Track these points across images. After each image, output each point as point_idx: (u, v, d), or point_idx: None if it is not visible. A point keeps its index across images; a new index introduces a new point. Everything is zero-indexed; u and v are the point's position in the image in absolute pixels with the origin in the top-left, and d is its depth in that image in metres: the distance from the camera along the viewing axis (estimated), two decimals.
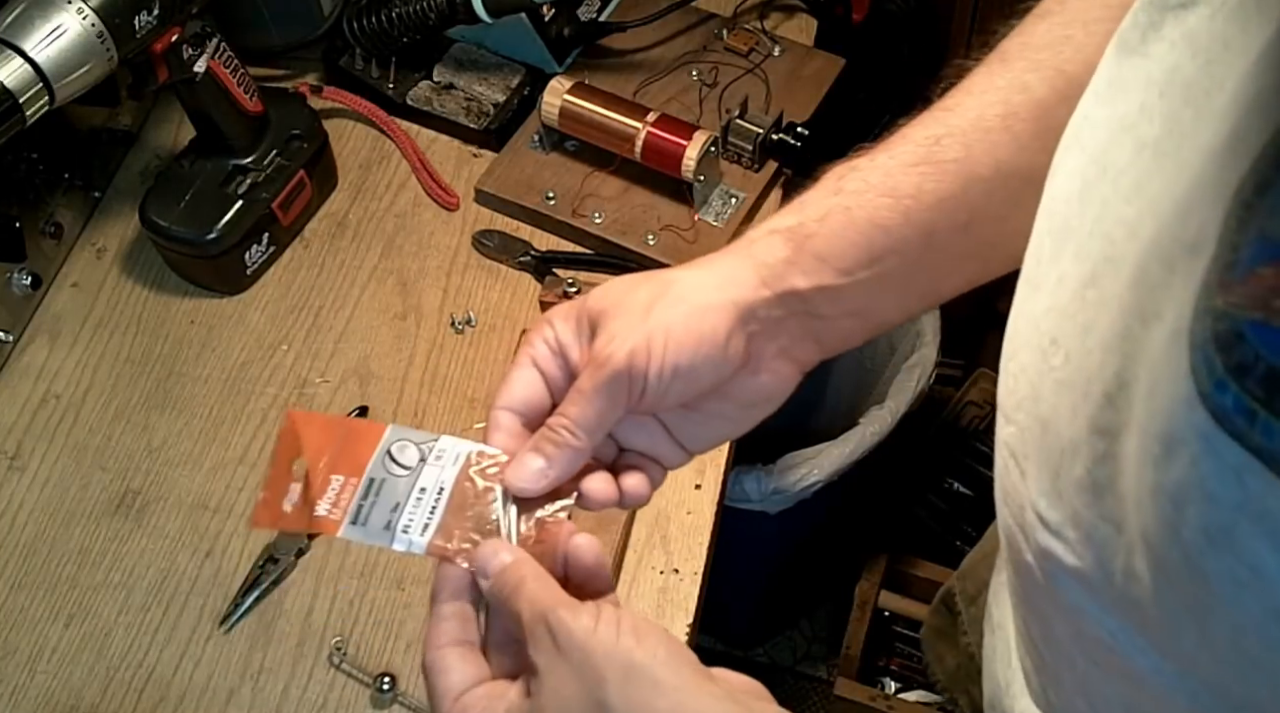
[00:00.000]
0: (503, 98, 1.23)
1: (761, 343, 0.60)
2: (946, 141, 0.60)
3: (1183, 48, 0.43)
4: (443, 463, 0.60)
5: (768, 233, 0.60)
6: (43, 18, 0.89)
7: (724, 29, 1.26)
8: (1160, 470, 0.38)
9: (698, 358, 0.58)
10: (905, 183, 0.59)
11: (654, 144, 1.11)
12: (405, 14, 1.18)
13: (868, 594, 1.66)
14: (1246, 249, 0.35)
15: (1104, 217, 0.46)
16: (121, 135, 1.20)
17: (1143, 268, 0.41)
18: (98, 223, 1.17)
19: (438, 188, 1.19)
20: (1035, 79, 0.60)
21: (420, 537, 0.59)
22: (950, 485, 1.73)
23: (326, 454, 0.61)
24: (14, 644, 0.95)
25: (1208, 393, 0.35)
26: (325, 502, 0.60)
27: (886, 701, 1.61)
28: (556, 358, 0.61)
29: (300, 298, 1.13)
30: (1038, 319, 0.50)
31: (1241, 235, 0.35)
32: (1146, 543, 0.40)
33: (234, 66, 1.07)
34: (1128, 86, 0.47)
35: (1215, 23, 0.42)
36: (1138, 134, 0.45)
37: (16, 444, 1.04)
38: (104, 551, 0.99)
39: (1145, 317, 0.41)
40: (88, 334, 1.10)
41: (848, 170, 0.61)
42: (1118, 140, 0.46)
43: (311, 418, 0.64)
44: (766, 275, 0.59)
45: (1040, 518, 0.49)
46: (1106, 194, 0.46)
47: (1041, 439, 0.49)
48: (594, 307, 0.60)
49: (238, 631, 0.95)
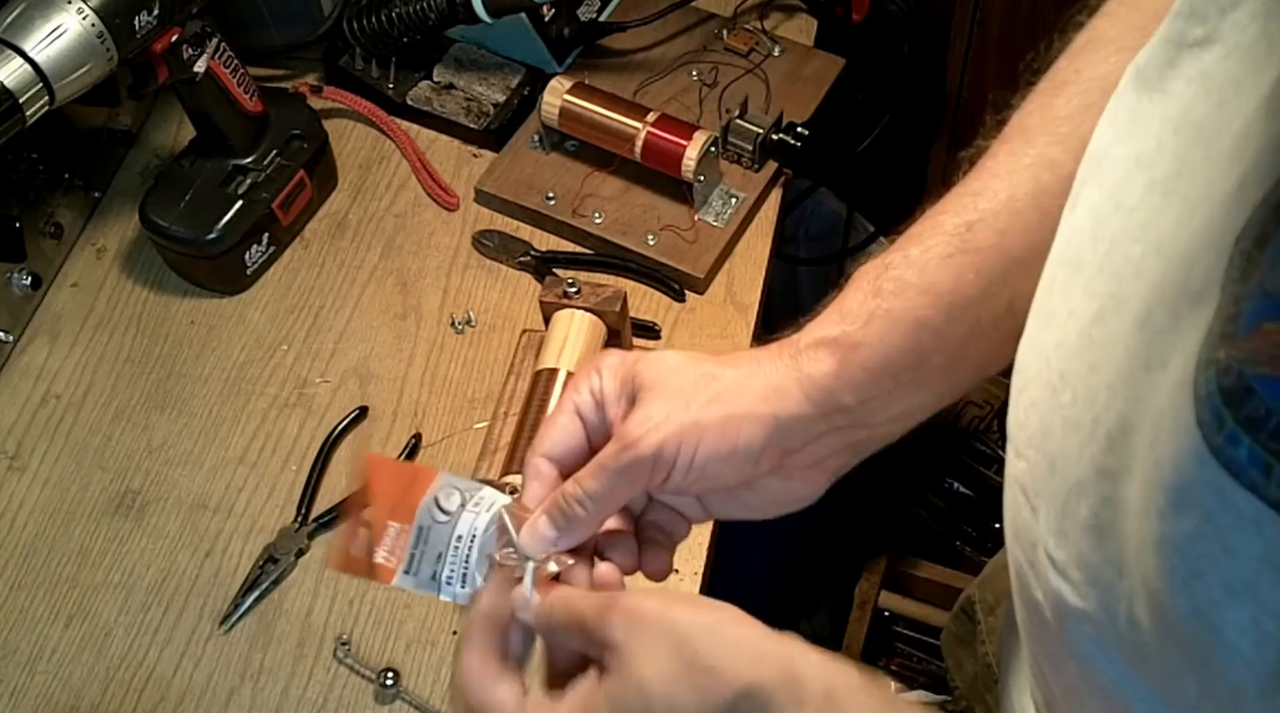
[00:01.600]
0: (503, 98, 1.23)
1: (797, 455, 0.60)
2: (979, 228, 0.59)
3: (1198, 86, 0.43)
4: (479, 510, 0.61)
5: (814, 344, 0.59)
6: (43, 18, 0.89)
7: (724, 29, 1.26)
8: (1167, 522, 0.38)
9: (726, 465, 0.58)
10: (944, 278, 0.58)
11: (654, 144, 1.10)
12: (405, 14, 1.18)
13: (868, 594, 1.66)
14: (1248, 302, 0.35)
15: (1113, 253, 0.46)
16: (121, 135, 1.20)
17: (1147, 311, 0.41)
18: (98, 223, 1.17)
19: (438, 188, 1.19)
20: (1061, 153, 0.59)
21: (462, 588, 0.60)
22: (950, 485, 1.73)
23: (389, 500, 0.62)
24: (14, 644, 0.95)
25: (1219, 446, 0.35)
26: (383, 549, 0.61)
27: None
28: (599, 411, 0.61)
29: (300, 298, 1.13)
30: (1048, 353, 0.49)
31: (1243, 287, 0.35)
32: (1148, 591, 0.40)
33: (234, 66, 1.07)
34: (1146, 123, 0.46)
35: (1229, 63, 0.42)
36: (1151, 172, 0.44)
37: (16, 444, 1.04)
38: (104, 551, 0.99)
39: (1149, 362, 0.41)
40: (88, 334, 1.10)
41: (883, 269, 0.60)
42: (1131, 177, 0.46)
43: (382, 462, 0.65)
44: (812, 391, 0.58)
45: (1050, 557, 0.48)
46: (1116, 231, 0.46)
47: (1050, 477, 0.48)
48: (642, 375, 0.60)
49: (238, 631, 0.95)
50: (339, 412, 1.05)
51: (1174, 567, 0.38)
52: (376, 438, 1.04)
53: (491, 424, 1.02)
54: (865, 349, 0.58)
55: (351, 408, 1.05)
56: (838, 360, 0.58)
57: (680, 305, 1.11)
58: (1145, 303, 0.42)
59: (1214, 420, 0.35)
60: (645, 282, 1.12)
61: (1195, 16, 0.44)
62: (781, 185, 1.18)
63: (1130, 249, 0.44)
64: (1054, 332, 0.49)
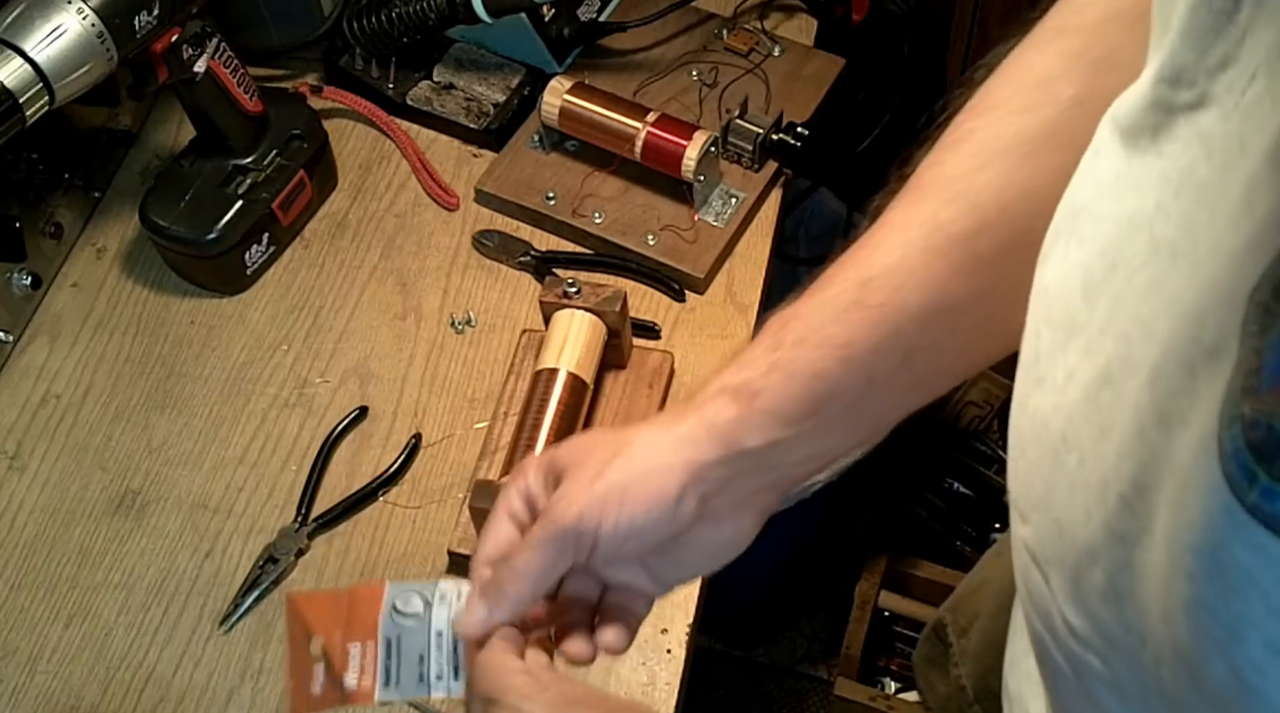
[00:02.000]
0: (503, 98, 1.23)
1: (717, 499, 0.62)
2: (874, 285, 0.61)
3: (1197, 148, 0.43)
4: (447, 602, 0.62)
5: (717, 392, 0.62)
6: (43, 18, 0.89)
7: (724, 29, 1.26)
8: (1198, 585, 0.37)
9: (649, 519, 0.61)
10: (840, 331, 0.61)
11: (654, 144, 1.10)
12: (405, 14, 1.18)
13: (868, 594, 1.66)
14: (1271, 354, 0.34)
15: (1118, 314, 0.45)
16: (121, 135, 1.20)
17: (1159, 370, 0.41)
18: (98, 223, 1.17)
19: (438, 188, 1.19)
20: (952, 212, 0.60)
21: (455, 682, 0.61)
22: (950, 485, 1.73)
23: (337, 627, 0.63)
24: (14, 644, 0.95)
25: (1254, 503, 0.34)
26: (351, 674, 0.62)
27: (886, 701, 1.61)
28: (529, 509, 0.64)
29: (300, 298, 1.13)
30: (1046, 416, 0.49)
31: (1262, 340, 0.35)
32: (1179, 656, 0.39)
33: (234, 66, 1.07)
34: (1139, 184, 0.46)
35: (1230, 123, 0.41)
36: (1153, 233, 0.44)
37: (16, 444, 1.04)
38: (104, 551, 0.99)
39: (1165, 421, 0.40)
40: (88, 334, 1.10)
41: (785, 321, 0.63)
42: (1129, 237, 0.45)
43: (312, 597, 0.66)
44: (717, 435, 0.61)
45: (1067, 624, 0.48)
46: (1120, 291, 0.45)
47: (1058, 542, 0.48)
48: (559, 461, 0.63)
49: (238, 631, 0.95)
50: (339, 412, 1.05)
51: (1208, 631, 0.37)
52: (376, 438, 1.04)
53: (491, 424, 1.02)
54: (765, 396, 0.61)
55: (351, 408, 1.05)
56: (739, 407, 0.61)
57: (680, 305, 1.11)
58: (1156, 362, 0.41)
59: (1245, 477, 0.34)
60: (645, 282, 1.12)
61: (1181, 81, 0.44)
62: (781, 185, 1.18)
63: (1138, 309, 0.44)
64: (1050, 394, 0.49)
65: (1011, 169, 0.58)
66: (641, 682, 0.92)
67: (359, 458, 1.03)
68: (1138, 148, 0.47)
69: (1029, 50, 0.62)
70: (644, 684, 0.92)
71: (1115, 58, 0.58)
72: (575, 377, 0.97)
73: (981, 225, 0.59)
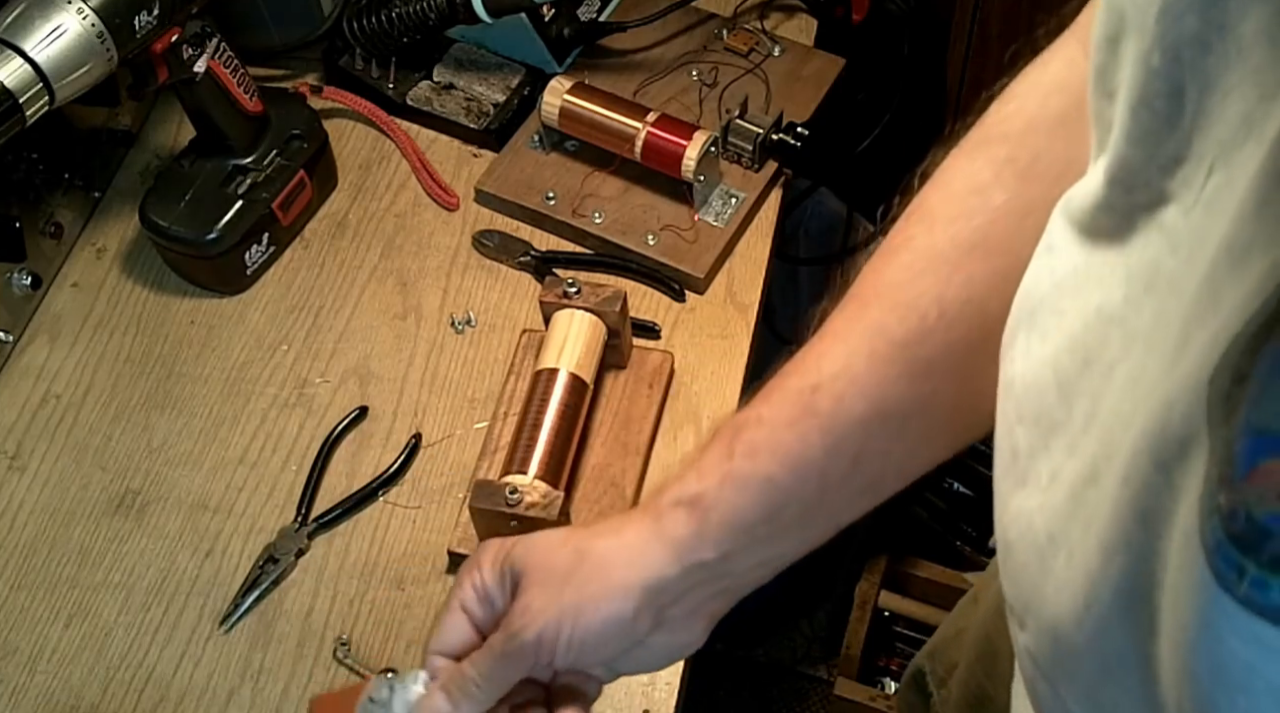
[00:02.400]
0: (503, 98, 1.23)
1: (672, 609, 0.64)
2: (820, 393, 0.62)
3: (1161, 243, 0.43)
4: (405, 685, 0.67)
5: (672, 505, 0.64)
6: (43, 18, 0.89)
7: (724, 29, 1.26)
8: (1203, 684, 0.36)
9: (605, 637, 0.64)
10: (790, 440, 0.62)
11: (654, 144, 1.10)
12: (405, 14, 1.18)
13: (868, 594, 1.66)
14: (1240, 443, 0.34)
15: (1099, 410, 0.45)
16: (121, 135, 1.20)
17: (1132, 466, 0.40)
18: (98, 223, 1.17)
19: (438, 188, 1.19)
20: (893, 320, 0.62)
21: None
22: (950, 485, 1.73)
23: None
24: (14, 644, 0.95)
25: (1247, 596, 0.34)
26: None
27: (886, 701, 1.61)
28: (484, 604, 0.67)
29: (300, 298, 1.13)
30: (1030, 515, 0.49)
31: (1229, 428, 0.34)
32: None
33: (234, 66, 1.07)
34: (1103, 278, 0.46)
35: (1192, 217, 0.41)
36: (1127, 328, 0.44)
37: (16, 444, 1.04)
38: (104, 551, 0.99)
39: (1145, 519, 0.40)
40: (88, 334, 1.10)
41: (736, 429, 0.64)
42: (1100, 331, 0.45)
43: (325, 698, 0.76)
44: (673, 552, 0.63)
45: None
46: (1098, 387, 0.45)
47: (1055, 648, 0.47)
48: (517, 563, 0.66)
49: (238, 631, 0.95)
50: (339, 412, 1.05)
51: None
52: (376, 438, 1.04)
53: (491, 424, 1.02)
54: (719, 510, 0.62)
55: (351, 408, 1.05)
56: (696, 520, 0.63)
57: (680, 305, 1.11)
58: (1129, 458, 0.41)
59: (1233, 570, 0.34)
60: (645, 282, 1.12)
61: (1135, 183, 0.44)
62: (781, 185, 1.18)
63: (1120, 405, 0.43)
64: (1033, 495, 0.49)
65: (948, 277, 0.60)
66: (641, 682, 0.92)
67: (359, 458, 1.03)
68: (1097, 243, 0.47)
69: (960, 158, 0.64)
70: (644, 684, 0.92)
71: (1039, 166, 0.60)
72: (575, 377, 0.97)
73: (922, 332, 0.61)
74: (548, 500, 0.90)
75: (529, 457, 0.94)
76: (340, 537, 1.00)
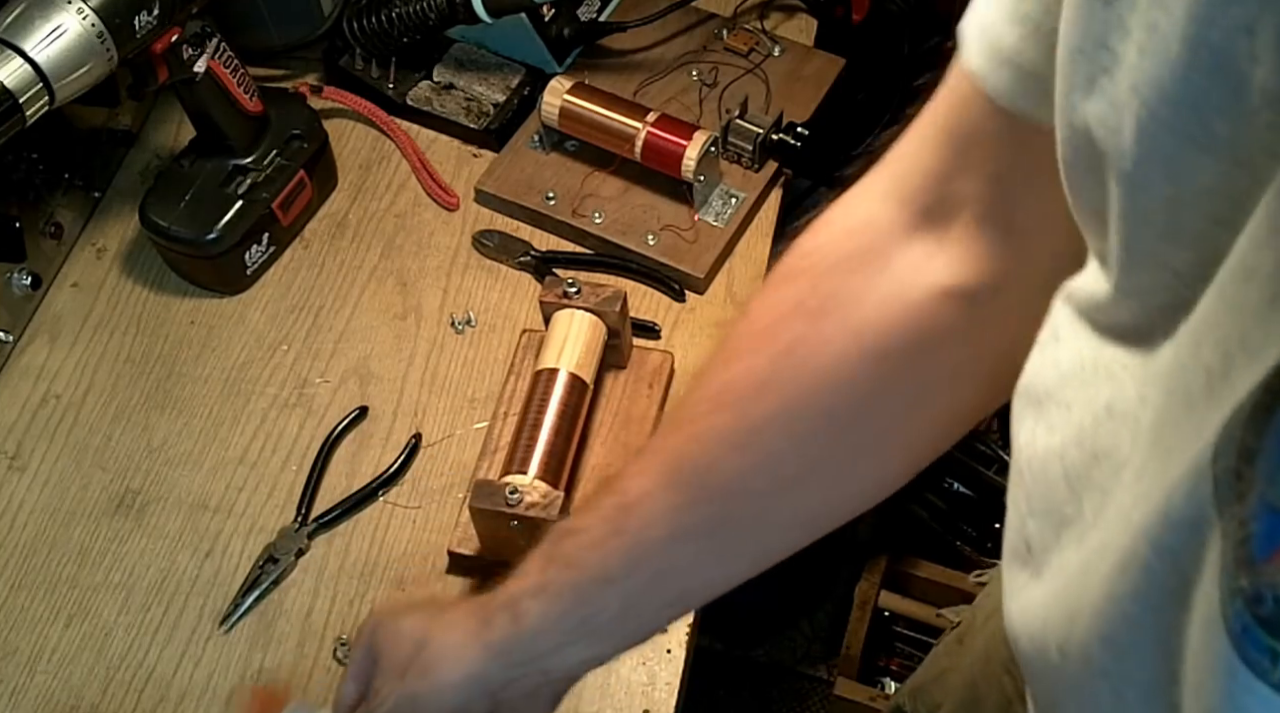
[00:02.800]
0: (503, 98, 1.23)
1: (506, 693, 0.69)
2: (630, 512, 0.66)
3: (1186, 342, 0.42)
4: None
5: (500, 606, 0.68)
6: (43, 18, 0.89)
7: (724, 29, 1.26)
8: None
9: None
10: (599, 557, 0.66)
11: (654, 144, 1.11)
12: (405, 14, 1.18)
13: (868, 594, 1.66)
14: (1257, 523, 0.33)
15: (1105, 505, 0.44)
16: (121, 135, 1.20)
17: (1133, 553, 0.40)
18: (98, 223, 1.17)
19: (438, 188, 1.19)
20: (691, 449, 0.65)
21: None
22: (950, 485, 1.73)
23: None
24: (14, 644, 0.95)
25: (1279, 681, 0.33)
26: None
27: (886, 701, 1.61)
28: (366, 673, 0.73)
29: (300, 298, 1.13)
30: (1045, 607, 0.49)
31: (1244, 507, 0.33)
32: None
33: (234, 66, 1.07)
34: (1114, 374, 0.46)
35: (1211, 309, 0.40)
36: (1139, 426, 0.43)
37: (16, 444, 1.04)
38: (104, 551, 0.99)
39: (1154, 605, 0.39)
40: (88, 334, 1.10)
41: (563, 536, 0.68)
42: (1110, 428, 0.45)
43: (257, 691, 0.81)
44: (494, 652, 0.68)
45: None
46: (1107, 484, 0.45)
47: None
48: (375, 644, 0.73)
49: (238, 631, 0.95)
50: (339, 412, 1.05)
51: None
52: (376, 438, 1.04)
53: (491, 424, 1.02)
54: (532, 616, 0.67)
55: (351, 408, 1.05)
56: (513, 625, 0.68)
57: (680, 305, 1.11)
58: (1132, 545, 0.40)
59: (1263, 655, 0.33)
60: (645, 282, 1.12)
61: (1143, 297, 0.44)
62: (781, 185, 1.18)
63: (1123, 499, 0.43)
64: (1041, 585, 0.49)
65: (728, 420, 0.64)
66: (641, 682, 0.92)
67: (359, 458, 1.03)
68: (1106, 338, 0.47)
69: (766, 291, 0.67)
70: (644, 684, 0.92)
71: (831, 304, 0.63)
72: (575, 377, 0.97)
73: (712, 464, 0.64)
74: (548, 501, 0.90)
75: (529, 457, 0.94)
76: (340, 537, 1.00)
